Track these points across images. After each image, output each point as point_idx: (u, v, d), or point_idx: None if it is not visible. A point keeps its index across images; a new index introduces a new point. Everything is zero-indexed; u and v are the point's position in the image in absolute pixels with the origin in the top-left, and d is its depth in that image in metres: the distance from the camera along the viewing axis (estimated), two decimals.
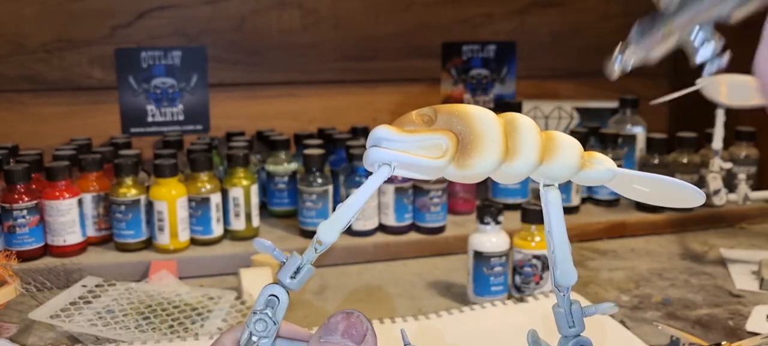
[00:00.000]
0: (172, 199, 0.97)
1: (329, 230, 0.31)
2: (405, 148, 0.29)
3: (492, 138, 0.30)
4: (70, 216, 0.96)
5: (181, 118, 1.27)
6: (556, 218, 0.32)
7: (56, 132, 1.21)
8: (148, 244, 1.00)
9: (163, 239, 0.98)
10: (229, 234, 1.04)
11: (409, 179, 1.05)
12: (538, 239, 0.85)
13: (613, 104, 1.31)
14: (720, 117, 1.11)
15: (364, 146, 1.09)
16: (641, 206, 1.17)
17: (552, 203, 0.32)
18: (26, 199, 0.94)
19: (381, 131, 0.29)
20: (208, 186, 1.00)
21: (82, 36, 1.21)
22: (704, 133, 1.20)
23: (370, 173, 0.30)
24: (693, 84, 1.12)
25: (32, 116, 1.21)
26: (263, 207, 1.14)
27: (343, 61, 1.33)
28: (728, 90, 1.09)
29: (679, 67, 1.47)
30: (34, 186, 0.96)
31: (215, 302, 0.86)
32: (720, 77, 1.10)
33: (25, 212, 0.94)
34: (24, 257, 0.93)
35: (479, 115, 0.29)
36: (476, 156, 0.29)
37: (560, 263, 0.32)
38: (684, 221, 1.15)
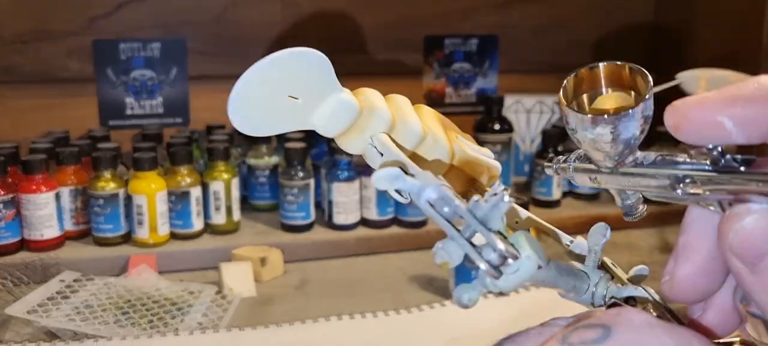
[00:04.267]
0: (151, 192, 0.96)
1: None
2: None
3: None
4: (47, 210, 0.94)
5: (161, 110, 1.26)
6: (397, 151, 0.31)
7: (33, 125, 1.19)
8: (127, 238, 0.99)
9: (143, 233, 0.97)
10: (209, 228, 1.03)
11: None
12: None
13: None
14: None
15: None
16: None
17: (388, 143, 0.31)
18: (2, 193, 0.93)
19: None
20: (188, 180, 0.99)
21: (60, 27, 1.19)
22: None
23: (352, 168, 0.30)
24: (673, 78, 1.13)
25: (8, 109, 1.19)
26: (244, 201, 1.14)
27: (326, 54, 1.32)
28: (707, 85, 1.10)
29: (660, 61, 1.48)
30: (10, 179, 0.95)
31: (195, 296, 0.85)
32: (699, 72, 1.11)
33: (0, 206, 0.92)
34: (0, 251, 0.92)
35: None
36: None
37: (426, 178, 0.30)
38: (664, 215, 1.16)
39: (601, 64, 0.25)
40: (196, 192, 1.00)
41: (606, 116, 0.24)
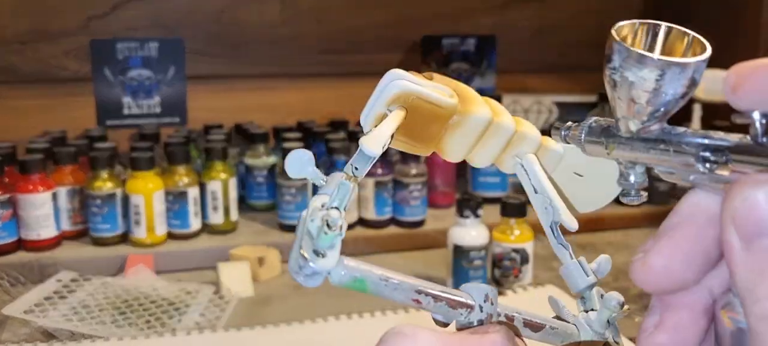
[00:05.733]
0: (148, 192, 0.96)
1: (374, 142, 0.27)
2: (422, 86, 0.29)
3: (479, 97, 0.31)
4: (44, 210, 0.94)
5: (158, 110, 1.26)
6: (543, 175, 0.32)
7: (30, 125, 1.20)
8: (125, 238, 0.99)
9: (140, 233, 0.97)
10: (207, 228, 1.03)
11: (390, 173, 1.05)
12: (517, 232, 0.85)
13: (591, 99, 1.32)
14: (697, 111, 1.13)
15: (343, 140, 1.09)
16: (620, 200, 1.18)
17: (534, 164, 0.33)
18: None
19: (399, 71, 0.29)
20: (186, 180, 0.99)
21: (57, 27, 1.19)
22: None
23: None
24: None
25: (5, 109, 1.20)
26: (242, 201, 1.14)
27: (323, 54, 1.33)
28: (705, 84, 1.11)
29: None
30: (7, 179, 0.95)
31: (193, 296, 0.85)
32: None
33: None
34: None
35: (463, 83, 0.32)
36: (475, 105, 0.30)
37: (563, 211, 0.32)
38: (661, 215, 1.15)
39: (663, 24, 0.24)
40: (193, 192, 1.00)
41: (656, 58, 0.22)
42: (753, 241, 0.19)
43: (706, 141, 0.22)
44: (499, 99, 1.19)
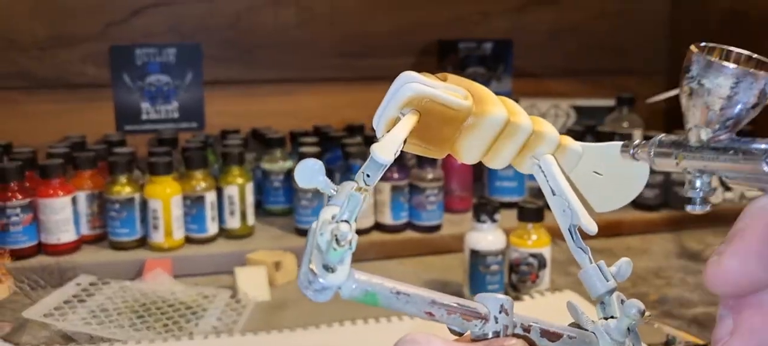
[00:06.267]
0: (166, 197, 0.96)
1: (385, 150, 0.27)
2: (435, 89, 0.29)
3: (495, 97, 0.31)
4: (64, 214, 0.95)
5: (176, 115, 1.27)
6: (561, 177, 0.32)
7: (50, 130, 1.20)
8: (143, 242, 0.99)
9: (158, 238, 0.97)
10: (224, 232, 1.03)
11: (406, 177, 1.05)
12: (534, 237, 0.84)
13: (609, 102, 1.31)
14: None
15: (359, 145, 1.09)
16: (638, 205, 1.17)
17: (552, 165, 0.32)
18: (20, 197, 0.93)
19: (411, 74, 0.28)
20: (203, 184, 1.00)
21: (76, 33, 1.20)
22: None
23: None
24: None
25: (25, 114, 1.20)
26: (259, 206, 1.14)
27: (339, 59, 1.33)
28: None
29: (675, 65, 1.47)
30: (27, 184, 0.96)
31: (210, 300, 0.85)
32: None
33: (18, 210, 0.93)
34: (18, 255, 0.93)
35: (478, 83, 0.32)
36: (491, 105, 0.30)
37: (581, 213, 0.31)
38: (680, 220, 1.15)
39: (734, 49, 0.26)
40: (210, 196, 1.00)
41: (732, 67, 0.24)
42: None
43: None
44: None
